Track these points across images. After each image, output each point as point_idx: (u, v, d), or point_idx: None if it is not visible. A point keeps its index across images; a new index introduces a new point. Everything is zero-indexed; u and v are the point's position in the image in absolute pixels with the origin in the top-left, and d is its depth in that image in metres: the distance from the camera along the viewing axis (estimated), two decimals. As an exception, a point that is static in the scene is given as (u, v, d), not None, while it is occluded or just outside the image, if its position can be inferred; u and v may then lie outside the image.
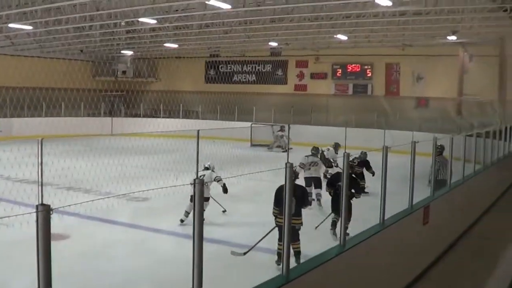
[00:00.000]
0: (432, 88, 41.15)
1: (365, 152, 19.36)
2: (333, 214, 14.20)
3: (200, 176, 15.26)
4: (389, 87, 44.67)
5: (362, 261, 9.71)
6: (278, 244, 11.86)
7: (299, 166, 18.50)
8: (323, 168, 20.58)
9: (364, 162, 20.59)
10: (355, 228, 10.19)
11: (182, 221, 15.77)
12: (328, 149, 22.87)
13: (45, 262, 4.81)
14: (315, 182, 19.22)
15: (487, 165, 21.65)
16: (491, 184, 22.94)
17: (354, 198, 13.31)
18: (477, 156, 19.84)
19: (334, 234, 13.76)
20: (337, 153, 22.93)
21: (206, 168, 16.61)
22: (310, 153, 19.97)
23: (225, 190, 15.94)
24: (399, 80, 44.16)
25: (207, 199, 15.88)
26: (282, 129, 37.36)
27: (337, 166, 20.28)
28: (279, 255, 11.48)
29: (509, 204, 23.32)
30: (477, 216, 19.29)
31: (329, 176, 18.31)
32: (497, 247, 16.14)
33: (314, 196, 18.69)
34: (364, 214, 11.27)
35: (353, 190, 13.14)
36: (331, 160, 21.37)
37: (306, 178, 19.05)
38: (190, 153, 8.65)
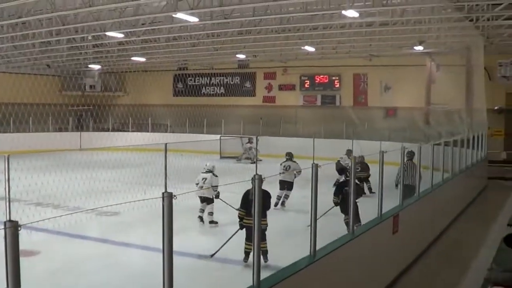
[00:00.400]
0: (400, 98, 41.36)
1: (363, 156, 19.59)
2: (343, 216, 14.12)
3: (203, 179, 17.28)
4: (357, 98, 44.92)
5: (333, 271, 9.74)
6: (246, 244, 12.28)
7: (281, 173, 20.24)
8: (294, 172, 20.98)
9: (365, 165, 21.55)
10: (324, 239, 10.19)
11: (201, 218, 16.94)
12: (341, 158, 23.53)
13: (14, 279, 4.76)
14: (288, 185, 20.40)
15: (456, 173, 21.82)
16: (459, 192, 23.11)
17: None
18: (445, 165, 19.97)
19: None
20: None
21: (208, 171, 17.65)
22: (285, 159, 21.45)
23: (217, 196, 16.96)
24: (367, 91, 44.44)
25: (211, 200, 17.24)
26: (250, 141, 37.36)
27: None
28: (247, 253, 12.23)
29: (478, 212, 23.50)
30: (446, 224, 19.41)
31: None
32: (467, 254, 16.24)
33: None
34: (334, 226, 11.27)
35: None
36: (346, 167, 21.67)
37: (280, 181, 20.22)
38: (159, 167, 8.62)
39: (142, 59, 43.34)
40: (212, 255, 12.30)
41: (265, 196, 12.27)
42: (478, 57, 31.89)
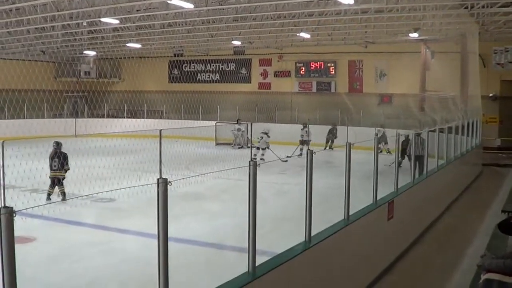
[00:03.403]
0: (395, 85, 41.45)
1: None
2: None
3: (261, 137, 30.79)
4: (352, 84, 44.90)
5: (328, 256, 9.78)
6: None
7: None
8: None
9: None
10: (319, 226, 10.20)
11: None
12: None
13: (9, 266, 4.74)
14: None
15: (450, 160, 21.88)
16: (454, 179, 23.17)
17: None
18: (440, 151, 20.03)
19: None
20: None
21: (264, 132, 30.53)
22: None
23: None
24: (362, 77, 44.41)
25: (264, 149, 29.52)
26: (238, 123, 37.46)
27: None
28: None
29: (472, 198, 23.57)
30: (441, 211, 19.48)
31: None
32: (462, 240, 16.31)
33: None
34: (327, 212, 11.28)
35: None
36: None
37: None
38: (154, 153, 8.63)
39: (138, 46, 43.28)
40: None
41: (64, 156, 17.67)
42: (473, 44, 31.93)
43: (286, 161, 27.03)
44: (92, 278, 11.19)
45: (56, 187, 18.64)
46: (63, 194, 18.46)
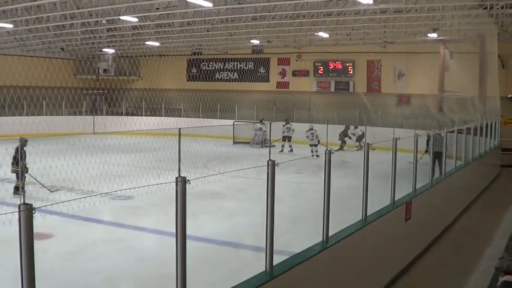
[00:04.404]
0: (414, 85, 41.28)
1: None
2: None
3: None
4: (370, 84, 44.75)
5: (345, 257, 9.77)
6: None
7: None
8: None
9: None
10: (336, 226, 10.19)
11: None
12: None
13: (28, 262, 4.77)
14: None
15: (468, 161, 21.80)
16: (472, 180, 23.09)
17: None
18: (458, 152, 19.96)
19: None
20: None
21: (311, 128, 32.21)
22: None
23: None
24: (381, 77, 44.24)
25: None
26: (262, 122, 37.58)
27: None
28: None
29: (490, 200, 23.48)
30: (459, 212, 19.42)
31: None
32: (480, 242, 16.25)
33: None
34: (344, 213, 11.26)
35: None
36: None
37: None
38: (172, 151, 8.66)
39: (156, 44, 43.37)
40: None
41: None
42: (492, 45, 31.76)
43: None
44: (109, 275, 11.24)
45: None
46: (15, 188, 18.43)
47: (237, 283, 7.11)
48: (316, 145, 31.81)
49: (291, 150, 33.85)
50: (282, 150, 33.07)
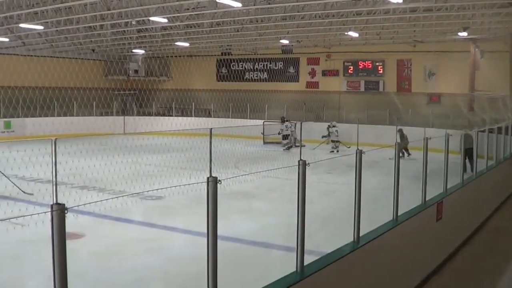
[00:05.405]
0: (444, 84, 41.07)
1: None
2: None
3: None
4: (400, 84, 44.56)
5: (376, 257, 9.73)
6: None
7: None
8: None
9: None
10: (366, 226, 10.17)
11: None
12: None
13: (60, 261, 4.80)
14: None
15: (500, 161, 21.63)
16: (503, 180, 22.89)
17: None
18: (489, 152, 19.81)
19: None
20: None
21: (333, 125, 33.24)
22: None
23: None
24: (411, 77, 44.04)
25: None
26: (289, 121, 37.81)
27: None
28: None
29: (523, 200, 23.28)
30: (490, 212, 19.26)
31: None
32: (511, 243, 16.13)
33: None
34: (374, 213, 11.24)
35: None
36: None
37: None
38: (202, 151, 8.68)
39: (186, 44, 43.49)
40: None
41: None
42: (523, 43, 31.53)
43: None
44: (139, 275, 11.31)
45: None
46: None
47: (268, 283, 7.12)
48: (338, 141, 32.45)
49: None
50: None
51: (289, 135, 36.36)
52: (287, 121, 37.96)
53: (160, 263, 12.06)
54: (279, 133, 37.20)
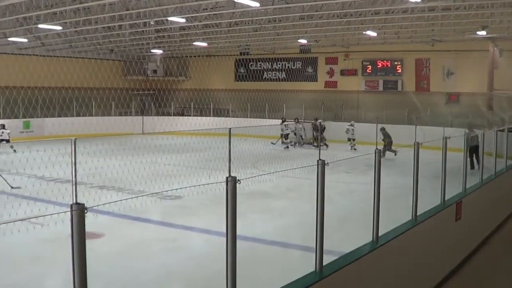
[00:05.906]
0: (463, 83, 40.88)
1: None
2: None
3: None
4: (419, 83, 44.39)
5: (395, 257, 9.72)
6: None
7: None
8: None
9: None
10: (386, 226, 10.15)
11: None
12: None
13: (80, 261, 4.84)
14: None
15: (520, 160, 21.50)
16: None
17: None
18: (509, 151, 19.70)
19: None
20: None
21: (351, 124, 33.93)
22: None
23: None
24: (429, 76, 43.87)
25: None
26: (297, 121, 38.19)
27: None
28: None
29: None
30: (510, 211, 19.14)
31: None
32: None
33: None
34: (392, 212, 11.20)
35: None
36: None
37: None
38: (220, 151, 8.70)
39: (204, 44, 43.51)
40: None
41: None
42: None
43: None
44: (158, 274, 11.34)
45: None
46: None
47: (287, 282, 7.13)
48: (354, 140, 33.85)
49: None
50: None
51: (288, 134, 37.08)
52: (286, 120, 38.48)
53: (179, 262, 12.09)
54: (281, 134, 38.17)
